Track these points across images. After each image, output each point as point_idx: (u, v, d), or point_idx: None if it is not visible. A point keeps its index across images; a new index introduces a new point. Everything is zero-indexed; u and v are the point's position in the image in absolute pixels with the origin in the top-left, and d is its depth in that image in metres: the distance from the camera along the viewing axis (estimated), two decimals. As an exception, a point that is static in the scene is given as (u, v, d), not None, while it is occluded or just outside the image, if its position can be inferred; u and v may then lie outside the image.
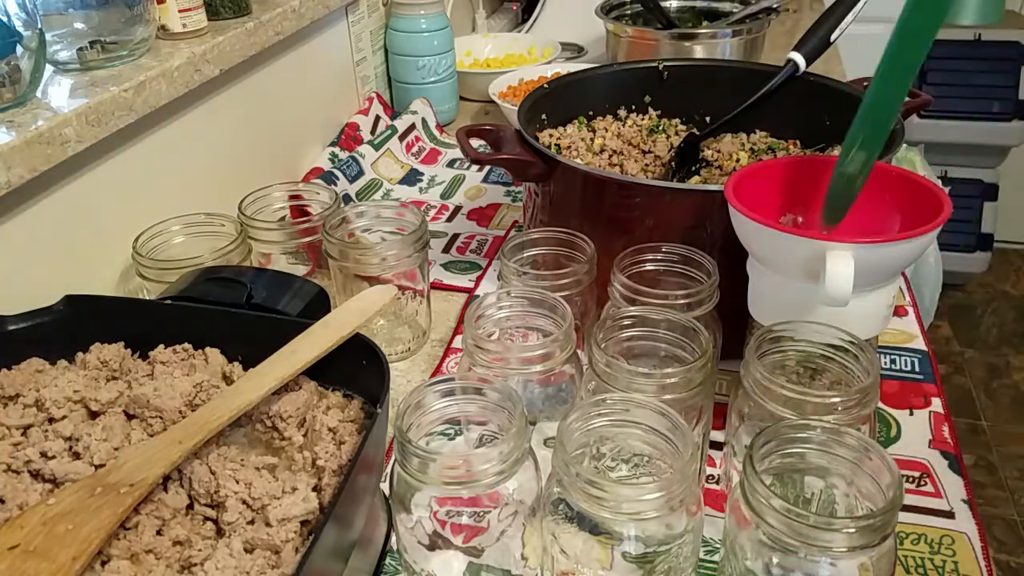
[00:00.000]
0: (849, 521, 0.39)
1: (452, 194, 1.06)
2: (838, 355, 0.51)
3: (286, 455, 0.48)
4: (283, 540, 0.42)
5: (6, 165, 0.58)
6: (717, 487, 0.60)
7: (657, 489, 0.40)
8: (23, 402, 0.49)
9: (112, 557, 0.41)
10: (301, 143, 1.06)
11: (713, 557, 0.54)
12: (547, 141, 0.84)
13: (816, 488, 0.48)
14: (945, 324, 2.33)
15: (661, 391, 0.48)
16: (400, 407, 0.45)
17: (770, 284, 0.56)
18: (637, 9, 1.28)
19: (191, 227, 0.73)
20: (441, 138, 1.20)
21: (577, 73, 0.91)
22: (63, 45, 0.71)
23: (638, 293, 0.57)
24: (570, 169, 0.71)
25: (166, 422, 0.48)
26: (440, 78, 1.22)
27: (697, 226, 0.65)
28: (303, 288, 0.59)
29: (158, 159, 0.79)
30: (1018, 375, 2.16)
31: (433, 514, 0.49)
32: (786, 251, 0.53)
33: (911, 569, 0.53)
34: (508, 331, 0.58)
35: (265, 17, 0.88)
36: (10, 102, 0.63)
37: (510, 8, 1.72)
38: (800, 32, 0.82)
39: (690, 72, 0.91)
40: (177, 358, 0.53)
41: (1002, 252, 2.55)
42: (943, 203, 0.53)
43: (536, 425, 0.59)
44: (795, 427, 0.44)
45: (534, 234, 0.67)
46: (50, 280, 0.68)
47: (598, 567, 0.46)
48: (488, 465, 0.43)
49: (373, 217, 0.74)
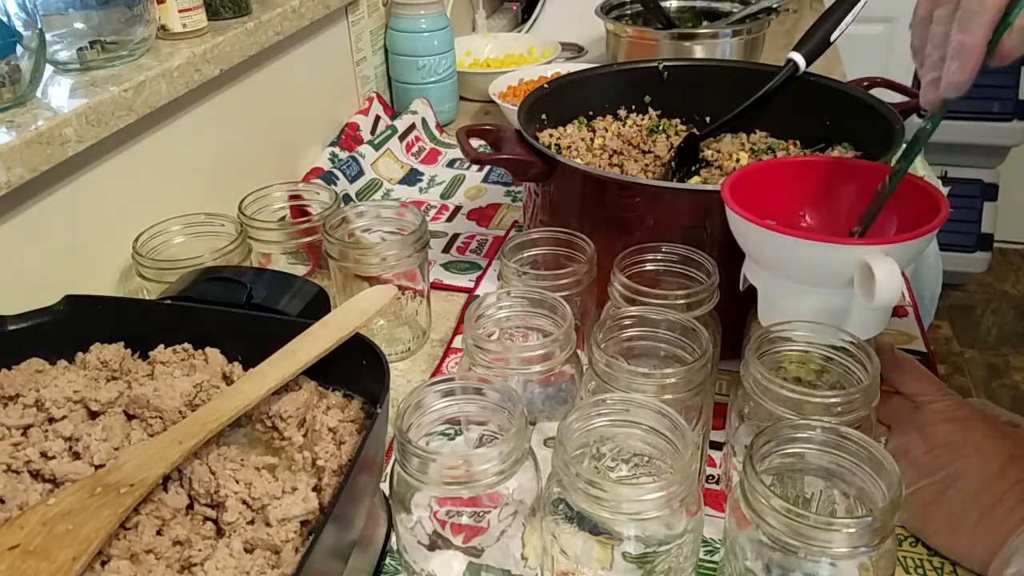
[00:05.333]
0: (849, 521, 0.39)
1: (452, 194, 1.06)
2: (838, 355, 0.51)
3: (286, 455, 0.48)
4: (283, 540, 0.42)
5: (6, 165, 0.58)
6: (717, 487, 0.60)
7: (657, 489, 0.40)
8: (23, 402, 0.49)
9: (112, 557, 0.41)
10: (301, 143, 1.06)
11: (713, 557, 0.54)
12: (547, 141, 0.84)
13: (816, 488, 0.48)
14: (945, 324, 2.33)
15: (661, 391, 0.48)
16: (400, 407, 0.45)
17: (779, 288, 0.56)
18: (637, 9, 1.28)
19: (191, 227, 0.73)
20: (441, 138, 1.20)
21: (577, 73, 0.91)
22: (63, 45, 0.71)
23: (638, 293, 0.57)
24: (570, 169, 0.71)
25: (166, 422, 0.48)
26: (440, 78, 1.22)
27: (697, 226, 0.65)
28: (303, 288, 0.59)
29: (158, 159, 0.79)
30: (1018, 375, 2.16)
31: (433, 514, 0.49)
32: (807, 257, 0.52)
33: (911, 569, 0.53)
34: (508, 331, 0.58)
35: (265, 17, 0.87)
36: (10, 102, 0.63)
37: (510, 8, 1.72)
38: (800, 32, 0.82)
39: (690, 72, 0.91)
40: (177, 358, 0.53)
41: (1002, 252, 2.55)
42: (939, 202, 0.53)
43: (536, 425, 0.59)
44: (795, 427, 0.44)
45: (534, 234, 0.67)
46: (50, 280, 0.68)
47: (598, 567, 0.46)
48: (488, 465, 0.43)
49: (373, 217, 0.74)
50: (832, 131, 0.80)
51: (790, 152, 0.83)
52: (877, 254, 0.48)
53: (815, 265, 0.52)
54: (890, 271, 0.47)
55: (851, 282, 0.50)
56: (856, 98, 0.78)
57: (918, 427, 0.54)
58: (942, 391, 0.55)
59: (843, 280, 0.50)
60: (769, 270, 0.55)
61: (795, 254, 0.52)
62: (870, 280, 0.48)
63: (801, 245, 0.51)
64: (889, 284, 0.47)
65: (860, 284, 0.49)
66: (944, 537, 0.52)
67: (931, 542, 0.53)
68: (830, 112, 0.80)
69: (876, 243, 0.50)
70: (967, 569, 0.52)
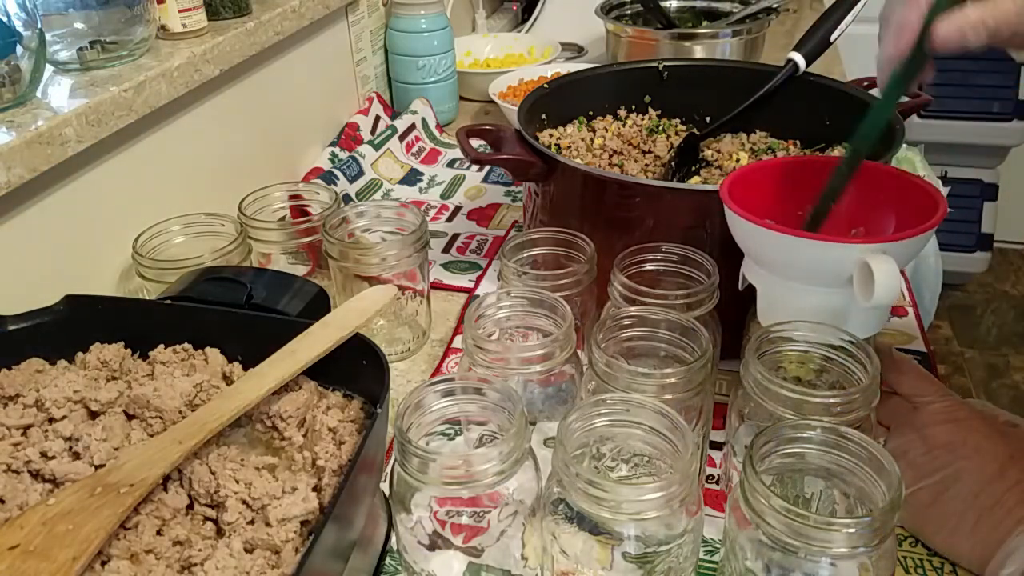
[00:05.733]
0: (849, 521, 0.39)
1: (452, 194, 1.06)
2: (838, 355, 0.51)
3: (286, 455, 0.48)
4: (283, 540, 0.42)
5: (6, 165, 0.58)
6: (717, 487, 0.60)
7: (657, 489, 0.40)
8: (23, 402, 0.49)
9: (112, 557, 0.41)
10: (301, 143, 1.06)
11: (713, 557, 0.54)
12: (547, 141, 0.84)
13: (816, 488, 0.48)
14: (945, 324, 2.33)
15: (661, 391, 0.48)
16: (400, 407, 0.45)
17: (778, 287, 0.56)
18: (637, 9, 1.28)
19: (191, 227, 0.73)
20: (441, 138, 1.20)
21: (577, 73, 0.91)
22: (63, 45, 0.71)
23: (638, 293, 0.57)
24: (570, 169, 0.71)
25: (166, 422, 0.48)
26: (440, 78, 1.22)
27: (697, 226, 0.65)
28: (303, 288, 0.59)
29: (158, 159, 0.79)
30: (1018, 375, 2.16)
31: (433, 514, 0.49)
32: (806, 256, 0.52)
33: (911, 569, 0.53)
34: (508, 331, 0.58)
35: (265, 17, 0.87)
36: (10, 102, 0.63)
37: (510, 8, 1.72)
38: (800, 32, 0.82)
39: (690, 72, 0.91)
40: (177, 358, 0.53)
41: (1002, 252, 2.54)
42: (938, 201, 0.53)
43: (536, 425, 0.59)
44: (795, 427, 0.44)
45: (534, 234, 0.67)
46: (50, 280, 0.68)
47: (598, 567, 0.46)
48: (488, 465, 0.43)
49: (373, 217, 0.74)
50: (832, 131, 0.80)
51: (790, 152, 0.83)
52: (875, 253, 0.48)
53: (814, 264, 0.52)
54: (888, 270, 0.47)
55: (850, 281, 0.50)
56: (856, 98, 0.78)
57: (916, 428, 0.54)
58: (940, 392, 0.55)
59: (842, 279, 0.50)
60: (768, 270, 0.55)
61: (794, 253, 0.52)
62: (868, 279, 0.47)
63: (800, 244, 0.51)
64: (887, 283, 0.47)
65: (859, 283, 0.49)
66: (943, 538, 0.52)
67: (930, 543, 0.53)
68: (830, 112, 0.80)
69: (874, 242, 0.50)
70: (967, 569, 0.52)
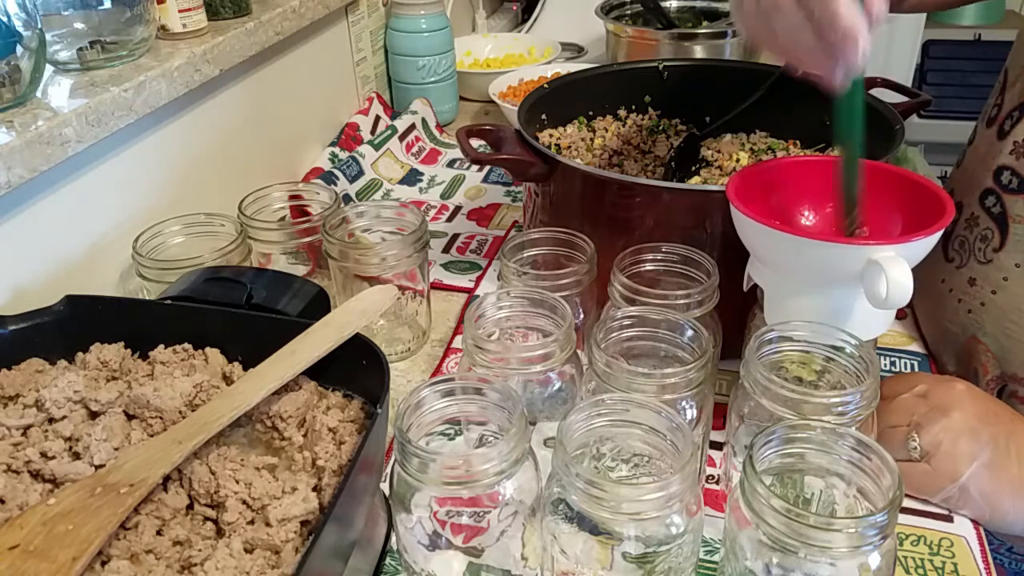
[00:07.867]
0: (849, 521, 0.39)
1: (452, 194, 1.06)
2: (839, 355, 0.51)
3: (286, 455, 0.48)
4: (283, 540, 0.42)
5: (6, 165, 0.58)
6: (717, 487, 0.60)
7: (657, 489, 0.40)
8: (23, 402, 0.49)
9: (112, 557, 0.41)
10: (301, 143, 1.06)
11: (713, 557, 0.54)
12: (547, 141, 0.84)
13: (816, 488, 0.48)
14: (945, 324, 2.33)
15: (661, 391, 0.48)
16: (400, 407, 0.45)
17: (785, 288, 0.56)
18: (637, 9, 1.28)
19: (191, 227, 0.73)
20: (441, 138, 1.20)
21: (577, 73, 0.91)
22: (63, 45, 0.71)
23: (638, 293, 0.57)
24: (570, 169, 0.71)
25: (166, 422, 0.48)
26: (440, 78, 1.22)
27: (697, 226, 0.65)
28: (303, 288, 0.59)
29: (158, 159, 0.79)
30: (1018, 375, 2.15)
31: (433, 514, 0.49)
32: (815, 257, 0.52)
33: (911, 569, 0.53)
34: (508, 331, 0.58)
35: (265, 17, 0.88)
36: (10, 102, 0.63)
37: (510, 8, 1.72)
38: (800, 32, 0.82)
39: (690, 72, 0.91)
40: (177, 358, 0.53)
41: (1002, 252, 2.54)
42: (944, 202, 0.53)
43: (536, 425, 0.59)
44: (795, 427, 0.44)
45: (534, 234, 0.67)
46: (50, 280, 0.68)
47: (598, 567, 0.46)
48: (488, 465, 0.43)
49: (373, 217, 0.74)
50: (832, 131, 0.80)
51: (790, 152, 0.83)
52: (888, 254, 0.48)
53: (823, 265, 0.51)
54: (901, 271, 0.47)
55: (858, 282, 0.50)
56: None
57: (943, 410, 0.55)
58: (927, 378, 0.59)
59: (850, 280, 0.50)
60: (775, 270, 0.55)
61: (803, 254, 0.52)
62: (879, 280, 0.47)
63: (809, 245, 0.51)
64: (901, 283, 0.47)
65: (869, 284, 0.49)
66: None
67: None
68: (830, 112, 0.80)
69: (885, 243, 0.49)
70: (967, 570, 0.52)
